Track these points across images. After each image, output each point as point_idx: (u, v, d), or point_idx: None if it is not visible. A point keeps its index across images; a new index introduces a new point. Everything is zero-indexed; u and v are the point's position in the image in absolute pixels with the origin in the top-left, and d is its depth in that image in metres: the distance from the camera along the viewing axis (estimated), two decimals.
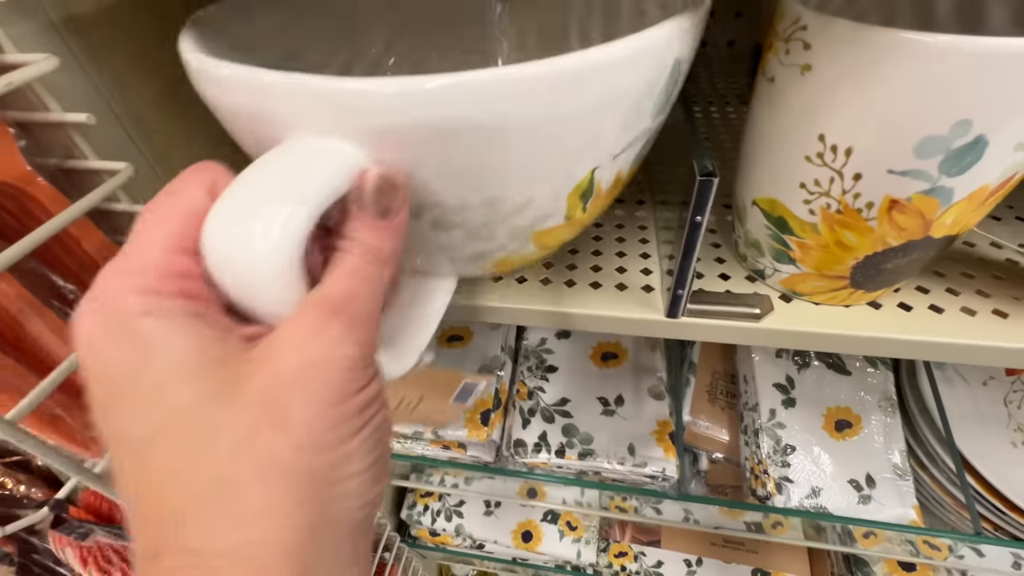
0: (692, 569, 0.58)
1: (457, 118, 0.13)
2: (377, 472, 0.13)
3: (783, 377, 0.41)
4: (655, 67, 0.15)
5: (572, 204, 0.18)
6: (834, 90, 0.17)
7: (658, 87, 0.15)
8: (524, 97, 0.13)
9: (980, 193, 0.17)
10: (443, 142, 0.13)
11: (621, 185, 0.19)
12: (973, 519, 0.34)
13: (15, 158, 0.20)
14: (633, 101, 0.15)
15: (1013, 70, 0.14)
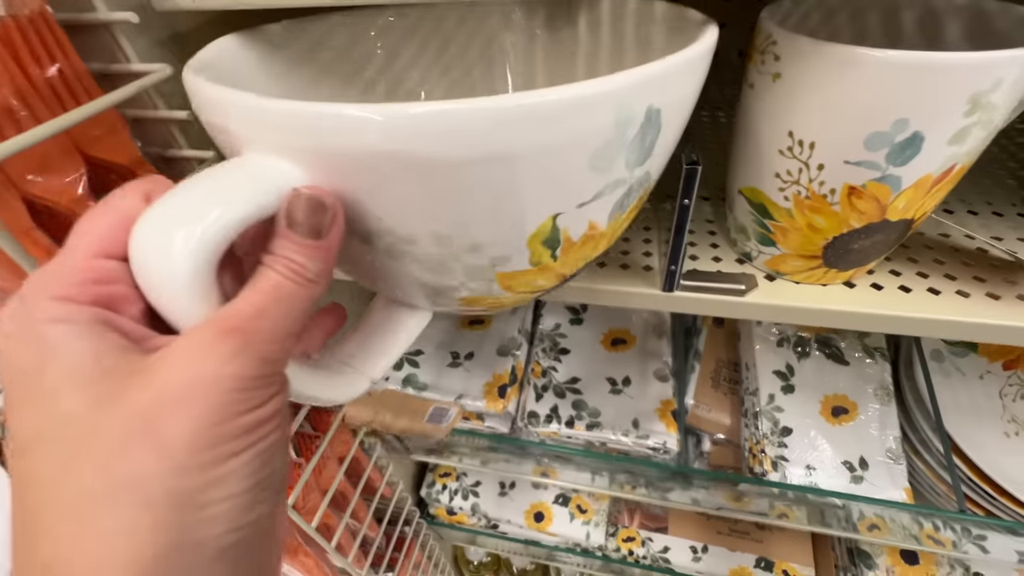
0: (698, 555, 0.60)
1: (384, 150, 0.13)
2: (257, 495, 0.12)
3: (783, 365, 0.44)
4: (607, 116, 0.14)
5: (536, 251, 0.17)
6: (799, 93, 0.20)
7: (626, 136, 0.14)
8: (450, 135, 0.13)
9: (925, 181, 0.20)
10: (373, 170, 0.13)
11: (606, 237, 0.18)
12: (958, 498, 0.36)
13: (130, 146, 0.24)
14: (592, 149, 0.14)
15: (937, 78, 0.17)
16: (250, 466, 0.12)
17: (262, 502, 0.12)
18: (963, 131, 0.18)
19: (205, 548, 0.11)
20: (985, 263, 0.26)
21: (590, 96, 0.13)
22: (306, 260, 0.14)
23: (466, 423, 0.43)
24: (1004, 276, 0.25)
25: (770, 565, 0.58)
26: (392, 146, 0.12)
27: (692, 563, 0.59)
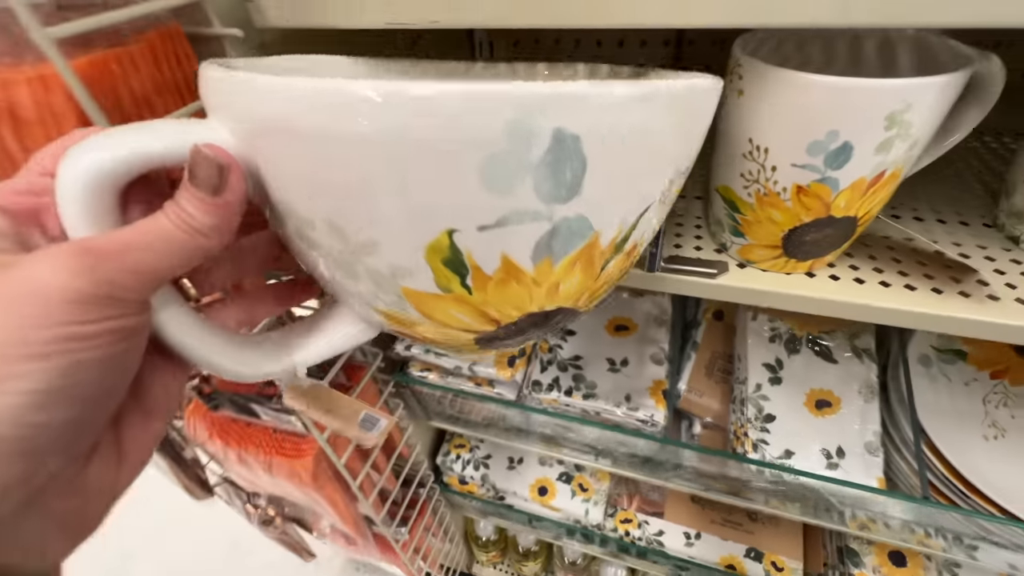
0: (690, 541, 0.63)
1: (277, 118, 0.14)
2: (49, 399, 0.13)
3: (773, 359, 0.47)
4: (495, 122, 0.13)
5: (439, 272, 0.16)
6: (756, 107, 0.24)
7: (527, 157, 0.13)
8: (324, 110, 0.13)
9: (860, 183, 0.24)
10: (267, 137, 0.14)
11: (543, 288, 0.17)
12: (923, 485, 0.39)
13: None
14: (481, 159, 0.13)
15: (858, 99, 0.21)
16: (50, 373, 0.12)
17: (55, 406, 0.13)
18: (886, 142, 0.22)
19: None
20: (939, 264, 0.30)
21: (478, 93, 0.12)
22: (196, 212, 0.15)
23: (478, 388, 0.49)
24: (951, 275, 0.29)
25: (760, 556, 0.61)
26: (271, 111, 0.14)
27: (684, 548, 0.63)
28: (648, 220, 0.18)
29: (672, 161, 0.17)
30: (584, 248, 0.17)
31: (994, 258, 0.30)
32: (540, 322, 0.19)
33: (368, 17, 0.25)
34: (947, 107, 0.23)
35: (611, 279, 0.20)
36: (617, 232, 0.17)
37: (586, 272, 0.18)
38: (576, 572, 0.90)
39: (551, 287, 0.18)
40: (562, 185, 0.15)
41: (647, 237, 0.20)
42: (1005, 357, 0.46)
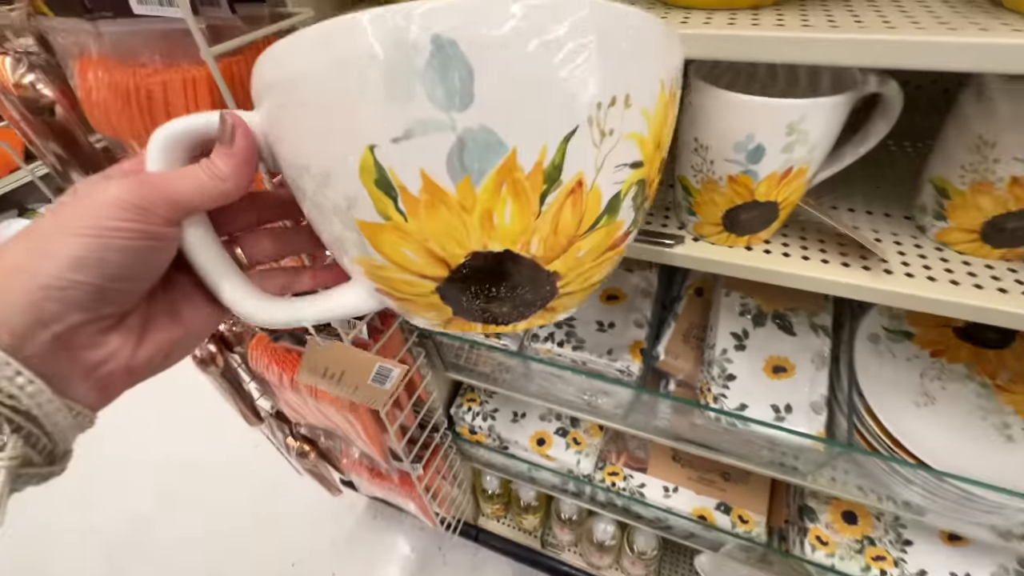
0: (668, 494, 0.72)
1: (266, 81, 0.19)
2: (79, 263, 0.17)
3: (740, 329, 0.55)
4: (376, 31, 0.15)
5: (375, 195, 0.18)
6: (700, 115, 0.32)
7: (413, 63, 0.15)
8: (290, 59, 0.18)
9: (774, 176, 0.32)
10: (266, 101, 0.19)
11: (474, 215, 0.18)
12: (849, 430, 0.46)
13: None
14: (375, 70, 0.16)
15: (764, 112, 0.29)
16: (85, 247, 0.17)
17: (85, 270, 0.17)
18: (788, 145, 0.30)
19: (32, 276, 0.17)
20: (854, 244, 0.37)
21: (373, 13, 0.15)
22: (218, 161, 0.20)
23: (486, 339, 0.58)
24: (861, 253, 0.36)
25: (728, 509, 0.69)
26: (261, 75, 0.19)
27: (663, 499, 0.71)
28: (583, 150, 0.17)
29: (587, 80, 0.16)
30: (502, 167, 0.17)
31: (902, 243, 0.37)
32: (493, 272, 0.19)
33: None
34: (840, 119, 0.30)
35: (566, 229, 0.19)
36: (540, 155, 0.17)
37: (518, 202, 0.17)
38: (571, 527, 0.99)
39: (483, 216, 0.18)
40: (453, 92, 0.16)
41: (601, 180, 0.18)
42: (946, 339, 0.52)
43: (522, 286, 0.20)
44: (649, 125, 0.19)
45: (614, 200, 0.19)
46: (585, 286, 0.23)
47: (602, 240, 0.20)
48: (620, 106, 0.18)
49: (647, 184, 0.21)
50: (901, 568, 0.59)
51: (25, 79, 0.40)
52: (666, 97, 0.19)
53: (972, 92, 0.31)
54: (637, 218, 0.22)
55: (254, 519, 1.24)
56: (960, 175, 0.33)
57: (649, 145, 0.19)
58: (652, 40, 0.18)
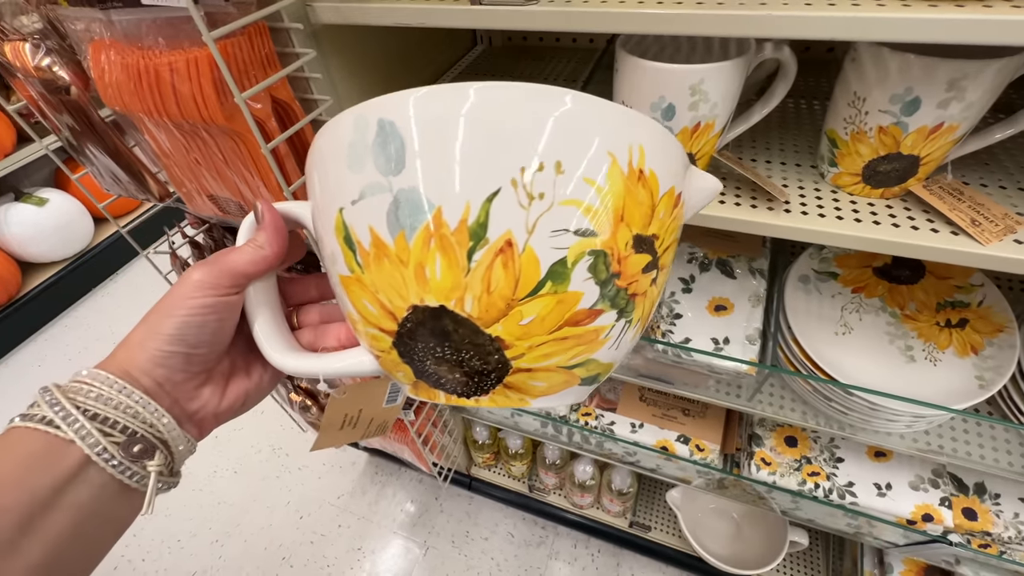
0: (634, 430, 0.80)
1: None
2: (177, 338, 0.24)
3: (688, 275, 0.62)
4: (348, 120, 0.20)
5: (344, 250, 0.21)
6: (623, 80, 0.38)
7: (366, 139, 0.20)
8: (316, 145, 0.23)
9: (685, 131, 0.38)
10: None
11: (408, 267, 0.20)
12: (773, 355, 0.54)
13: (290, 92, 0.46)
14: (346, 146, 0.20)
15: (670, 76, 0.35)
16: (175, 325, 0.24)
17: (176, 343, 0.24)
18: (694, 103, 0.36)
19: (145, 350, 0.24)
20: (763, 190, 0.44)
21: (349, 110, 0.20)
22: (257, 235, 0.26)
23: None
24: (768, 197, 0.43)
25: (687, 440, 0.77)
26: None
27: (630, 434, 0.79)
28: (509, 210, 0.19)
29: (508, 148, 0.19)
30: (429, 223, 0.19)
31: (804, 187, 0.44)
32: (435, 330, 0.21)
33: (403, 19, 0.38)
34: (737, 80, 0.36)
35: (500, 290, 0.19)
36: (464, 212, 0.19)
37: (446, 256, 0.19)
38: (555, 471, 1.09)
39: (417, 269, 0.20)
40: (390, 160, 0.19)
41: (535, 243, 0.19)
42: (866, 277, 0.60)
43: (466, 349, 0.21)
44: (601, 196, 0.19)
45: (558, 267, 0.19)
46: (548, 366, 0.21)
47: (551, 310, 0.20)
48: (550, 172, 0.19)
49: (612, 257, 0.20)
50: (832, 481, 0.68)
51: (43, 62, 0.45)
52: (624, 170, 0.20)
53: (850, 56, 0.37)
54: (607, 294, 0.20)
55: (263, 476, 1.34)
56: (844, 127, 0.39)
57: (603, 216, 0.20)
58: (586, 115, 0.19)
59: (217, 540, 1.22)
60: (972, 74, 0.32)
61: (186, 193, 0.55)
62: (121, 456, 0.22)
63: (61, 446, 0.21)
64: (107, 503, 0.22)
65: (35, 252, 1.69)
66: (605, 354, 0.22)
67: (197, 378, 0.26)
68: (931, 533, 0.64)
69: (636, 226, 0.21)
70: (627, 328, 0.22)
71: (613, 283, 0.20)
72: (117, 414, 0.22)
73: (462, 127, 0.19)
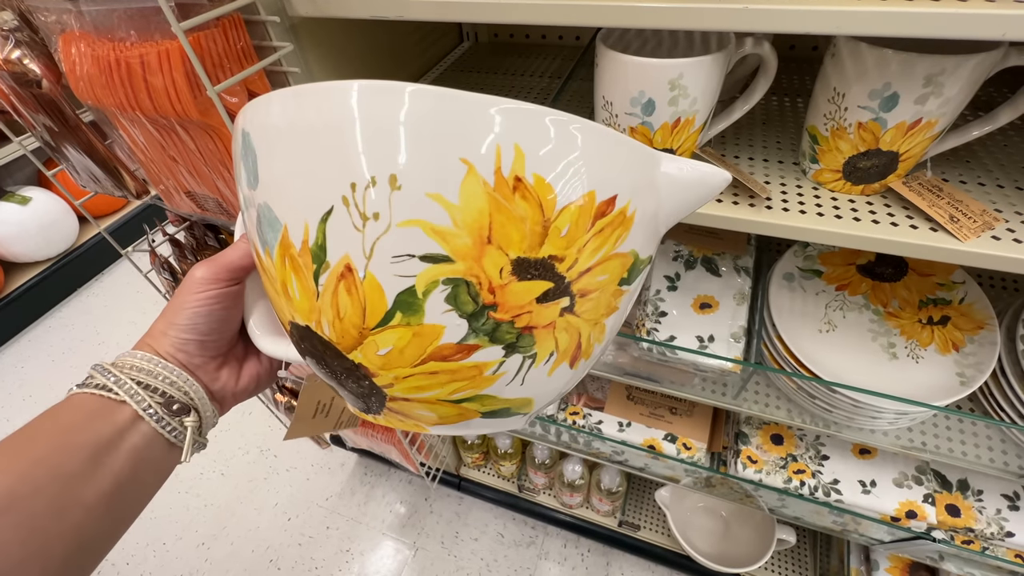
0: (622, 429, 0.80)
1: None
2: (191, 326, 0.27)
3: (673, 273, 0.61)
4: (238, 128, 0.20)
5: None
6: (603, 74, 0.38)
7: (237, 150, 0.20)
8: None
9: (666, 126, 0.38)
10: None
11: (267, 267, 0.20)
12: (758, 353, 0.54)
13: (267, 85, 0.45)
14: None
15: (650, 71, 0.35)
16: (188, 316, 0.28)
17: (190, 331, 0.28)
18: (673, 99, 0.36)
19: (167, 337, 0.28)
20: (745, 187, 0.43)
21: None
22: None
23: None
24: (750, 193, 0.43)
25: (674, 439, 0.77)
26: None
27: (618, 433, 0.79)
28: (343, 233, 0.17)
29: (338, 159, 0.17)
30: (281, 242, 0.18)
31: (786, 184, 0.44)
32: (311, 349, 0.20)
33: (380, 11, 0.37)
34: (716, 75, 0.36)
35: (350, 318, 0.18)
36: (304, 233, 0.17)
37: (298, 278, 0.18)
38: (544, 470, 1.08)
39: (283, 287, 0.19)
40: (250, 172, 0.19)
41: (375, 269, 0.17)
42: (850, 275, 0.60)
43: (339, 371, 0.20)
44: (453, 213, 0.16)
45: (406, 297, 0.17)
46: (426, 398, 0.20)
47: (408, 343, 0.18)
48: (383, 187, 0.16)
49: (478, 285, 0.17)
50: (818, 479, 0.68)
51: (13, 55, 0.44)
52: (488, 180, 0.16)
53: (830, 51, 0.37)
54: (479, 328, 0.18)
55: (250, 478, 1.32)
56: (824, 123, 0.39)
57: (458, 238, 0.17)
58: (431, 116, 0.16)
59: (203, 543, 1.20)
60: (949, 69, 0.32)
61: (164, 190, 0.54)
62: (163, 412, 0.26)
63: (114, 406, 0.25)
64: (154, 452, 0.26)
65: (18, 251, 1.66)
66: (505, 390, 0.20)
67: (214, 361, 0.30)
68: (915, 530, 0.65)
69: (514, 248, 0.17)
70: (529, 365, 0.19)
71: (487, 316, 0.18)
72: (158, 382, 0.27)
73: (297, 137, 0.17)
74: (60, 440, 0.24)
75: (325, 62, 0.49)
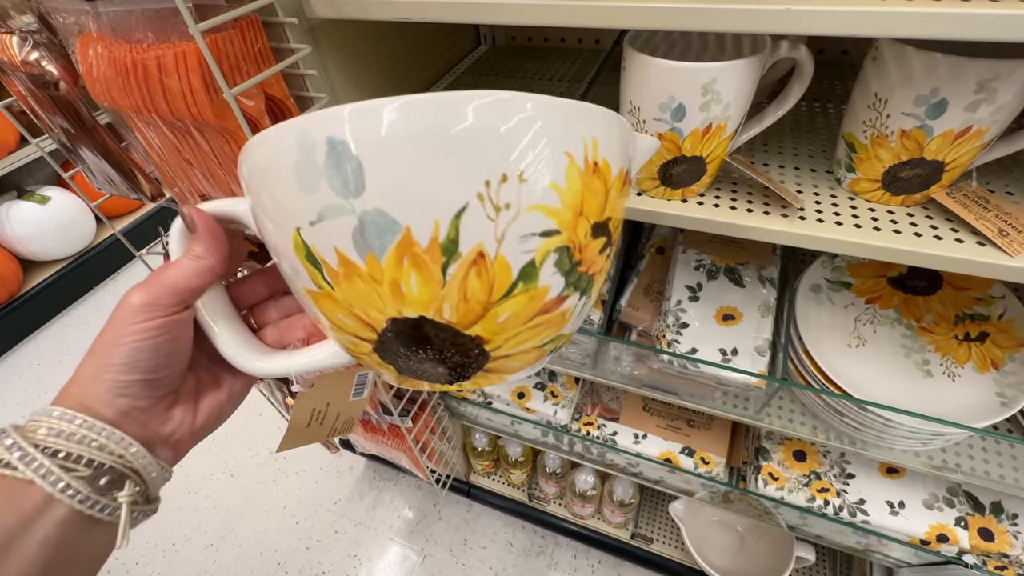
0: (637, 441, 0.78)
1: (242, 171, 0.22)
2: (131, 366, 0.22)
3: (695, 283, 0.60)
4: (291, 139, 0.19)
5: (308, 268, 0.21)
6: (631, 78, 0.36)
7: (315, 160, 0.18)
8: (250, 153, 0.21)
9: (696, 133, 0.36)
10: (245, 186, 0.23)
11: (383, 285, 0.20)
12: (784, 368, 0.52)
13: (284, 89, 0.45)
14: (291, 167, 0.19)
15: (681, 75, 0.33)
16: (125, 354, 0.22)
17: (131, 371, 0.23)
18: (705, 104, 0.34)
19: (101, 382, 0.23)
20: (776, 196, 0.42)
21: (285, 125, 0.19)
22: (193, 245, 0.24)
23: None
24: (782, 203, 0.41)
25: (692, 452, 0.75)
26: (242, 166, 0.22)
27: (633, 445, 0.77)
28: (478, 224, 0.19)
29: (469, 164, 0.18)
30: (400, 243, 0.19)
31: (820, 193, 0.42)
32: (416, 336, 0.21)
33: (400, 13, 0.36)
34: (751, 80, 0.35)
35: (477, 297, 0.20)
36: (434, 231, 0.19)
37: (421, 273, 0.19)
38: (555, 479, 1.06)
39: (392, 286, 0.20)
40: (348, 182, 0.18)
41: (506, 250, 0.19)
42: (880, 287, 0.58)
43: (447, 349, 0.22)
44: (562, 196, 0.20)
45: (528, 268, 0.20)
46: (524, 349, 0.23)
47: (524, 306, 0.21)
48: (514, 182, 0.19)
49: (574, 248, 0.21)
50: (843, 498, 0.65)
51: (31, 56, 0.44)
52: (581, 167, 0.20)
53: (870, 55, 0.35)
54: (571, 281, 0.21)
55: (259, 479, 1.32)
56: (863, 130, 0.37)
57: (565, 214, 0.20)
58: (543, 120, 0.19)
59: (212, 544, 1.20)
60: (1004, 75, 0.30)
61: (178, 193, 0.54)
62: (88, 490, 0.21)
63: (20, 487, 0.20)
64: (77, 539, 0.21)
65: (36, 250, 1.68)
66: (569, 327, 0.24)
67: (164, 401, 0.25)
68: (945, 554, 0.62)
69: (593, 215, 0.21)
70: (587, 302, 0.24)
71: (576, 271, 0.22)
72: (80, 448, 0.21)
73: (421, 145, 0.18)
74: None
75: (343, 65, 0.48)
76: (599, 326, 0.58)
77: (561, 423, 0.80)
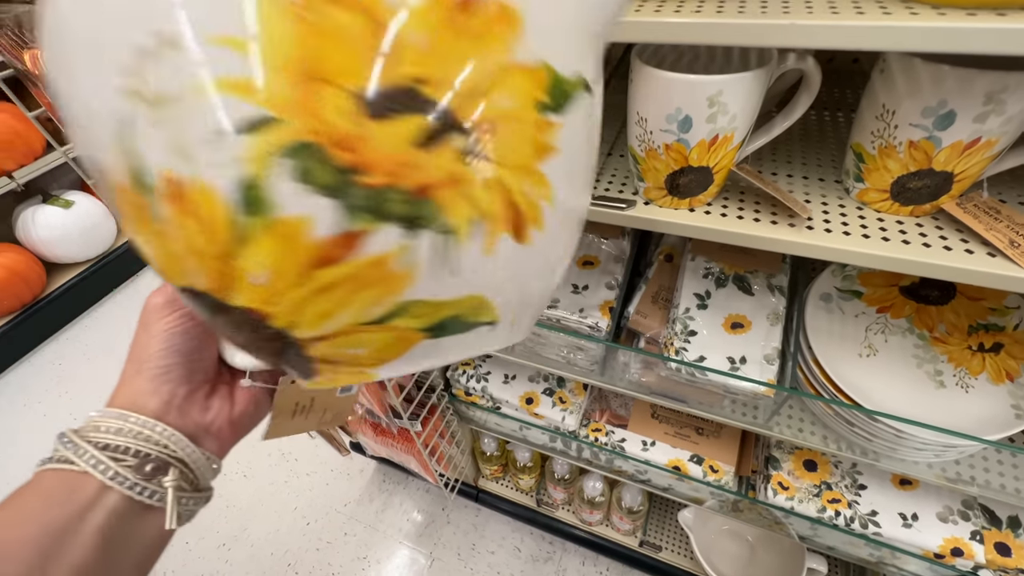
0: (646, 448, 0.78)
1: None
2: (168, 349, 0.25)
3: (703, 290, 0.60)
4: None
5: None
6: (638, 90, 0.37)
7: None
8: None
9: (703, 143, 0.36)
10: None
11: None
12: (793, 377, 0.51)
13: None
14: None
15: (687, 88, 0.34)
16: (163, 336, 0.25)
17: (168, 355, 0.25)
18: (711, 115, 0.35)
19: (143, 372, 0.25)
20: (784, 205, 0.42)
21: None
22: None
23: None
24: (789, 212, 0.41)
25: (701, 460, 0.75)
26: None
27: (641, 452, 0.77)
28: (146, 137, 0.14)
29: (93, 51, 0.14)
30: (117, 190, 0.16)
31: (828, 203, 0.42)
32: (204, 307, 0.17)
33: None
34: (757, 92, 0.35)
35: (201, 247, 0.14)
36: (117, 160, 0.15)
37: (144, 226, 0.16)
38: (564, 485, 1.06)
39: (146, 247, 0.17)
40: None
41: (197, 167, 0.13)
42: (892, 296, 0.57)
43: (234, 327, 0.17)
44: (251, 54, 0.12)
45: (245, 191, 0.13)
46: (340, 328, 0.16)
47: (278, 254, 0.14)
48: (156, 51, 0.13)
49: (324, 146, 0.13)
50: (854, 509, 0.65)
51: None
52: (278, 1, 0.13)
53: (879, 67, 0.36)
54: (355, 204, 0.13)
55: (271, 480, 1.33)
56: (871, 140, 0.37)
57: (269, 87, 0.12)
58: None
59: (224, 544, 1.22)
60: (1013, 86, 0.30)
61: None
62: (136, 477, 0.23)
63: (77, 479, 0.23)
64: (130, 524, 0.23)
65: (60, 253, 1.73)
66: (434, 288, 0.15)
67: (201, 389, 0.27)
68: (960, 568, 0.61)
69: (351, 76, 0.13)
70: (450, 244, 0.14)
71: (354, 183, 0.13)
72: (127, 440, 0.24)
73: (58, 42, 0.14)
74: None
75: None
76: (607, 333, 0.58)
77: (569, 429, 0.80)
